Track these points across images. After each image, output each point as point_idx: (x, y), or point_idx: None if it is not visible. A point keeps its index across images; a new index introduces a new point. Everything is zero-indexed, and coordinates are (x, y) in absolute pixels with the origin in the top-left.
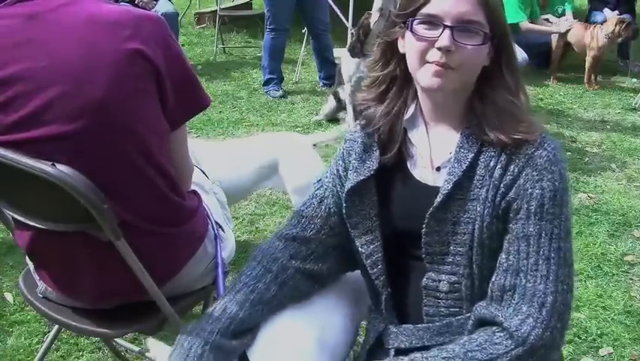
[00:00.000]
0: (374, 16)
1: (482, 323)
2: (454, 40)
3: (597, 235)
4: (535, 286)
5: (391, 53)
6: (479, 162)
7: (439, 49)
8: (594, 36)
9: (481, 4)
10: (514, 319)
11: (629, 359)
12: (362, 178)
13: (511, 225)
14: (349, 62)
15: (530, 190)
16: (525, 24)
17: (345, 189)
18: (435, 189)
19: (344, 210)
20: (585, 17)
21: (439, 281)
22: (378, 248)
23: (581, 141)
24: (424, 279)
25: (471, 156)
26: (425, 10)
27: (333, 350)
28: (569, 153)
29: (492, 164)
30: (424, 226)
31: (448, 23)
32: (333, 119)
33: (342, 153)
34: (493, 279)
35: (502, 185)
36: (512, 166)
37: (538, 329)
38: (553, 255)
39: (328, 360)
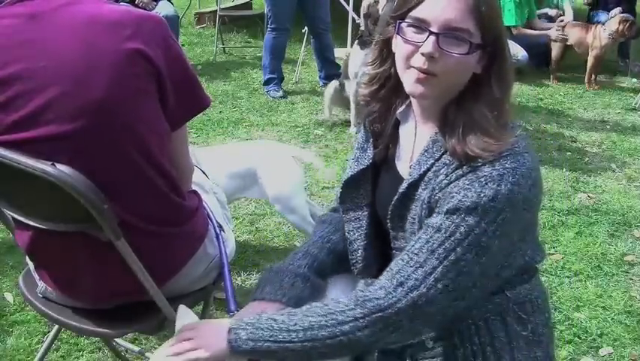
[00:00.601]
0: (382, 1)
1: None
2: (439, 47)
3: (597, 235)
4: (405, 267)
5: (387, 52)
6: (433, 167)
7: (423, 54)
8: (597, 36)
9: (471, 12)
10: (371, 286)
11: (629, 359)
12: (362, 167)
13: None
14: (357, 55)
15: (454, 194)
16: (518, 29)
17: (344, 177)
18: None
19: (338, 195)
20: (586, 17)
21: None
22: (362, 236)
23: (581, 141)
24: None
25: (430, 162)
26: (415, 13)
27: None
28: (569, 153)
29: (441, 170)
30: (388, 220)
31: (433, 29)
32: (338, 122)
33: (357, 143)
34: None
35: (437, 187)
36: (453, 174)
37: (382, 300)
38: (440, 251)
39: None
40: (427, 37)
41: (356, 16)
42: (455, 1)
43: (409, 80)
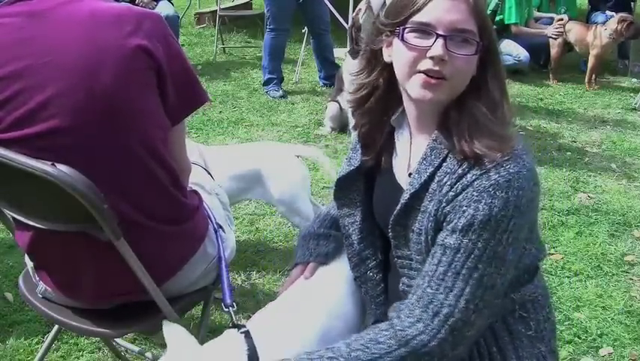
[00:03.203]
0: (362, 9)
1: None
2: (447, 49)
3: (597, 235)
4: (435, 295)
5: (375, 62)
6: (436, 177)
7: (432, 58)
8: (597, 35)
9: (472, 13)
10: (406, 320)
11: (629, 359)
12: (352, 168)
13: (439, 233)
14: (350, 64)
15: (465, 208)
16: (516, 28)
17: (337, 176)
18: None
19: (333, 192)
20: (585, 17)
21: (410, 286)
22: (356, 231)
23: (581, 141)
24: (400, 284)
25: (430, 170)
26: (417, 18)
27: (334, 340)
28: (569, 153)
29: (445, 180)
30: (389, 229)
31: (441, 32)
32: (342, 128)
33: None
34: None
35: (444, 200)
36: (459, 184)
37: (424, 335)
38: (464, 272)
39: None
40: (435, 40)
41: (345, 23)
42: (458, 3)
43: (416, 86)
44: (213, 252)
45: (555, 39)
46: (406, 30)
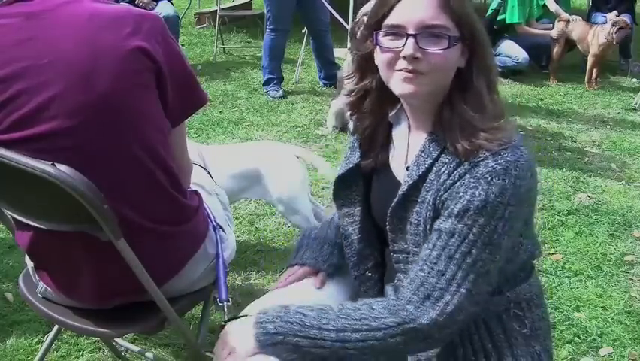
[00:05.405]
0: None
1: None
2: (419, 47)
3: (597, 235)
4: (427, 278)
5: (366, 66)
6: (434, 168)
7: (405, 58)
8: (596, 35)
9: (442, 7)
10: (400, 301)
11: (629, 359)
12: (350, 166)
13: (436, 220)
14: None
15: (462, 194)
16: (521, 27)
17: (336, 175)
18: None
19: (332, 192)
20: (586, 17)
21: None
22: (356, 231)
23: (581, 141)
24: (395, 280)
25: (429, 161)
26: (387, 21)
27: None
28: (569, 153)
29: (442, 170)
30: (387, 223)
31: (410, 32)
32: (343, 128)
33: (349, 142)
34: None
35: (442, 188)
36: (456, 172)
37: (413, 316)
38: (457, 256)
39: None
40: (406, 40)
41: (345, 24)
42: (424, 0)
43: (397, 82)
44: (213, 252)
45: (558, 40)
46: (380, 34)
